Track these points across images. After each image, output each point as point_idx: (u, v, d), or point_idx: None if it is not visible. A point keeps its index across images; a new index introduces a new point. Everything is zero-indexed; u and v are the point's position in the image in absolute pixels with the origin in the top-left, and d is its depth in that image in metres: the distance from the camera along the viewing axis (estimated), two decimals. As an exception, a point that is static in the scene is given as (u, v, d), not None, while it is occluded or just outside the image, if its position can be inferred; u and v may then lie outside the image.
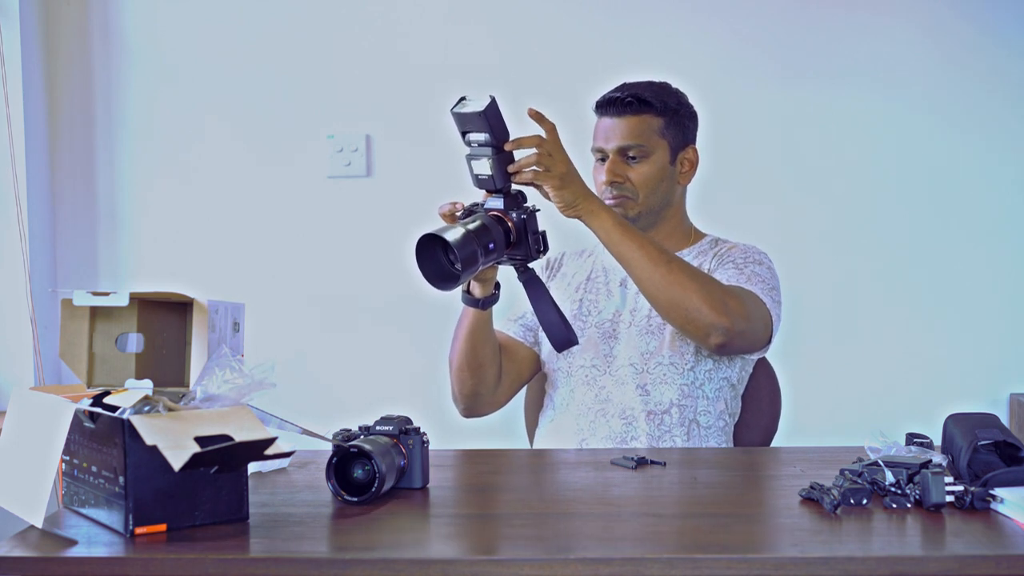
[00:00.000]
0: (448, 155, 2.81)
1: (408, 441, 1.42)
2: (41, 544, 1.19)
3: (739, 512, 1.34)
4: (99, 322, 1.47)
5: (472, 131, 1.59)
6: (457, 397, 1.96)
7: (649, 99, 1.93)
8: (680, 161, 1.98)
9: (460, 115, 1.58)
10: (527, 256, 1.65)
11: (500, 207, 1.63)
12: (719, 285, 1.79)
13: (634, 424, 1.88)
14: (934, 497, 1.26)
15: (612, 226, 1.72)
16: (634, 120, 1.93)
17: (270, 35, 2.83)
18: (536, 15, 2.79)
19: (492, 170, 1.60)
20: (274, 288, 2.82)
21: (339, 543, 1.23)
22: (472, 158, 1.62)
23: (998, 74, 2.73)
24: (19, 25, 2.71)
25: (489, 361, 1.90)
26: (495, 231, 1.59)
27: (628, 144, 1.92)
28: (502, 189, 1.63)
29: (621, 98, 1.93)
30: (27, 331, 2.71)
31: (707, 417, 1.91)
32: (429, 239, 1.55)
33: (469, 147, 1.61)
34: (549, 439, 1.96)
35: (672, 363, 1.90)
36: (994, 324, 2.75)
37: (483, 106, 1.56)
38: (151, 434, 1.16)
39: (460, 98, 1.59)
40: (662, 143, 1.95)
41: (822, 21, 2.75)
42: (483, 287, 1.77)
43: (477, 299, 1.78)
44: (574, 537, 1.24)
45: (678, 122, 1.96)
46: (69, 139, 2.85)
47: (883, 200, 2.77)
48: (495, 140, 1.59)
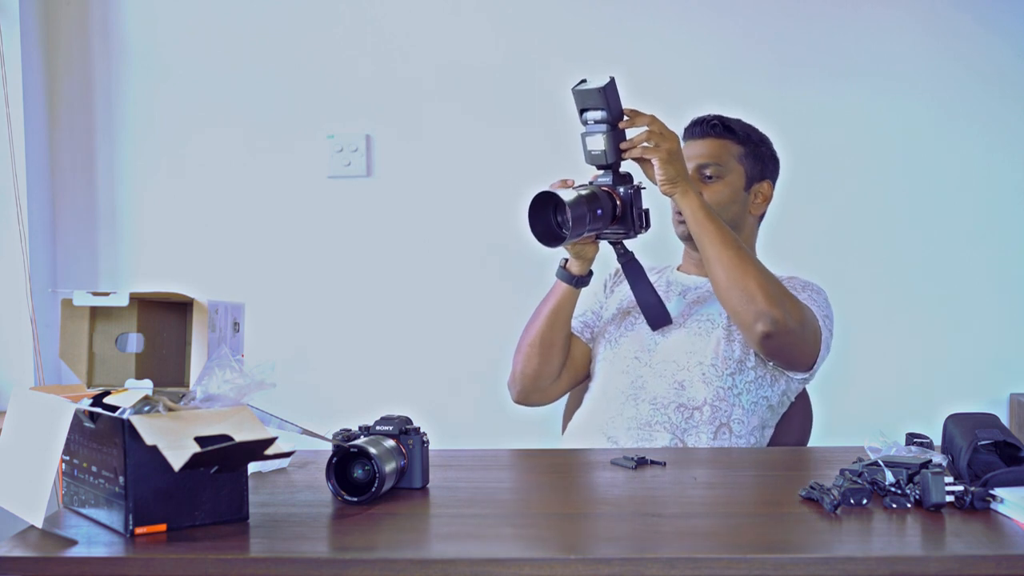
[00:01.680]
0: (448, 155, 2.83)
1: (408, 441, 1.42)
2: (41, 544, 1.19)
3: (739, 512, 1.34)
4: (99, 322, 1.47)
5: (591, 108, 1.74)
6: (517, 378, 2.02)
7: (733, 127, 2.03)
8: (754, 192, 2.04)
9: (581, 92, 1.73)
10: (629, 230, 1.80)
11: (609, 182, 1.78)
12: (782, 285, 1.87)
13: (663, 412, 1.89)
14: (934, 497, 1.26)
15: (699, 207, 1.83)
16: (715, 142, 2.01)
17: (270, 35, 2.83)
18: (536, 15, 2.79)
19: (606, 145, 1.74)
20: (274, 288, 2.82)
21: (339, 543, 1.23)
22: (587, 135, 1.76)
23: (1000, 72, 2.73)
24: (19, 25, 2.71)
25: (560, 345, 1.98)
26: (604, 200, 1.74)
27: (706, 163, 2.00)
28: (611, 165, 1.77)
29: (707, 120, 2.03)
30: (27, 331, 2.71)
31: (741, 427, 1.91)
32: (544, 198, 1.69)
33: (585, 125, 1.75)
34: (578, 425, 1.98)
35: (713, 365, 1.91)
36: (994, 324, 2.75)
37: (603, 83, 1.71)
38: (151, 434, 1.16)
39: (581, 80, 1.75)
40: (739, 168, 2.01)
41: (822, 17, 2.75)
42: (581, 264, 1.90)
43: (573, 276, 1.91)
44: (574, 537, 1.24)
45: (758, 154, 2.04)
46: (69, 139, 2.85)
47: (883, 199, 2.77)
48: (611, 117, 1.73)
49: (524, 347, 2.00)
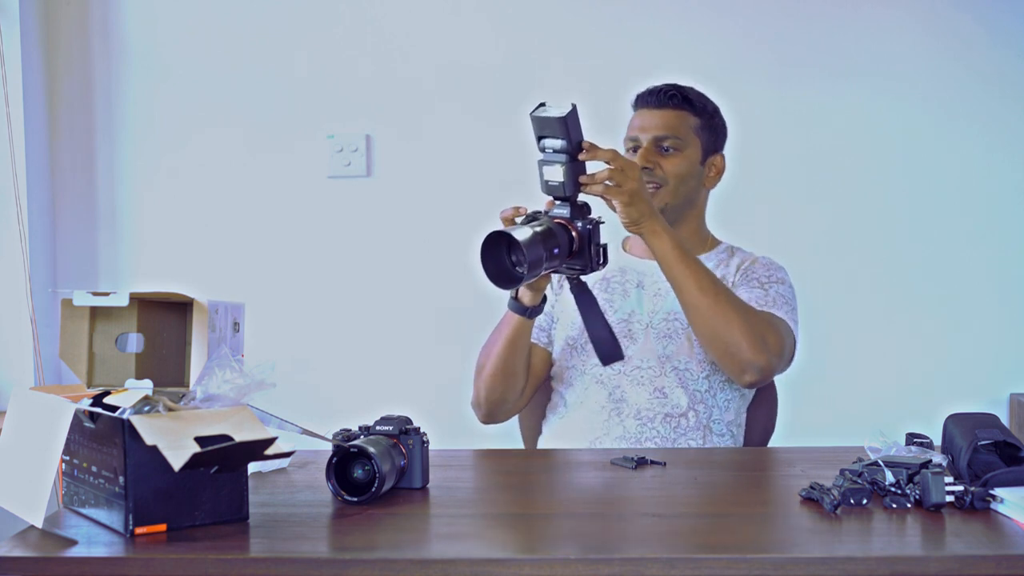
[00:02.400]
0: (448, 155, 2.83)
1: (408, 441, 1.42)
2: (41, 544, 1.19)
3: (739, 512, 1.34)
4: (99, 322, 1.47)
5: (549, 136, 1.60)
6: (481, 403, 1.95)
7: (691, 98, 1.97)
8: (708, 165, 2.00)
9: (540, 119, 1.59)
10: (586, 266, 1.67)
11: (566, 215, 1.65)
12: (759, 319, 1.82)
13: (650, 426, 1.88)
14: (934, 497, 1.26)
15: (671, 248, 1.75)
16: (673, 113, 1.96)
17: (270, 35, 2.83)
18: (536, 15, 2.79)
19: (564, 177, 1.61)
20: (274, 288, 2.82)
21: (339, 543, 1.23)
22: (545, 164, 1.63)
23: (1000, 72, 2.72)
24: (19, 25, 2.71)
25: (522, 370, 1.92)
26: (561, 237, 1.61)
27: (665, 134, 1.94)
28: (570, 197, 1.64)
29: (664, 90, 1.96)
30: (27, 331, 2.70)
31: (719, 425, 1.91)
32: (496, 237, 1.56)
33: (543, 152, 1.62)
34: (558, 438, 1.95)
35: (688, 369, 1.90)
36: (994, 324, 2.75)
37: (565, 112, 1.57)
38: (151, 434, 1.16)
39: (540, 103, 1.61)
40: (696, 141, 1.97)
41: (822, 17, 2.74)
42: (533, 295, 1.79)
43: (526, 307, 1.80)
44: (574, 537, 1.24)
45: (713, 126, 2.00)
46: (69, 139, 2.85)
47: (883, 199, 2.77)
48: (571, 147, 1.60)
49: (485, 376, 1.92)
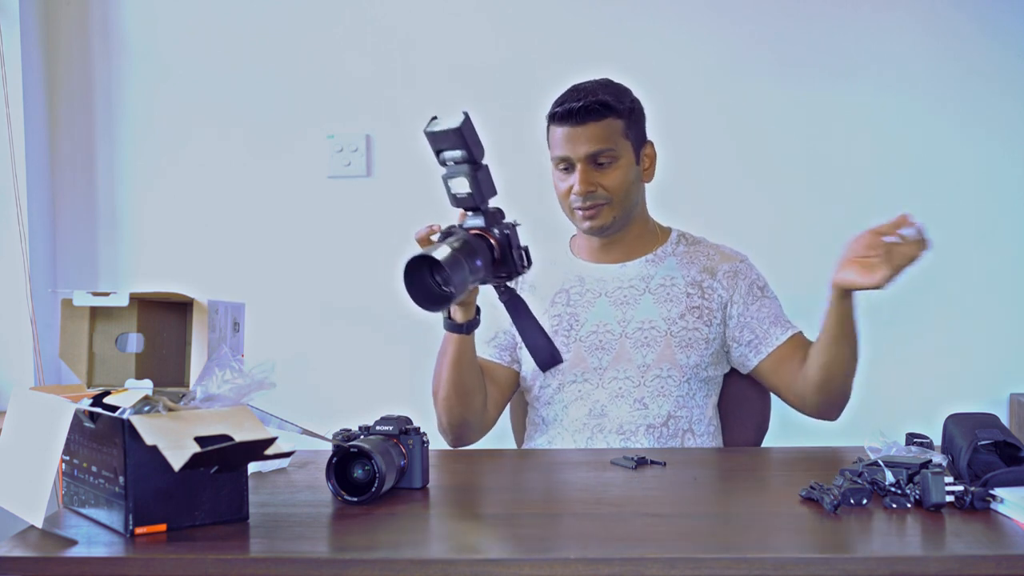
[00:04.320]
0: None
1: (408, 441, 1.42)
2: (41, 544, 1.19)
3: (739, 512, 1.34)
4: (99, 322, 1.47)
5: (447, 149, 1.53)
6: (446, 428, 1.89)
7: (611, 103, 1.88)
8: (642, 159, 1.95)
9: (435, 134, 1.53)
10: (511, 272, 1.59)
11: (481, 224, 1.58)
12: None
13: (633, 439, 1.87)
14: (934, 497, 1.26)
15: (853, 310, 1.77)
16: (598, 126, 1.88)
17: (270, 35, 2.83)
18: (536, 15, 2.79)
19: (471, 187, 1.54)
20: (274, 288, 2.82)
21: (339, 543, 1.23)
22: (450, 177, 1.56)
23: (1000, 72, 2.72)
24: (19, 25, 2.71)
25: (476, 387, 1.86)
26: (480, 248, 1.55)
27: (598, 150, 1.87)
28: (480, 207, 1.57)
29: (584, 106, 1.87)
30: (27, 331, 2.71)
31: (700, 425, 1.91)
32: (418, 261, 1.49)
33: (444, 166, 1.55)
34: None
35: (670, 375, 1.89)
36: (994, 324, 2.75)
37: (458, 122, 1.50)
38: (151, 434, 1.16)
39: (432, 118, 1.55)
40: (627, 144, 1.91)
41: (822, 17, 2.74)
42: (465, 311, 1.72)
43: (460, 324, 1.72)
44: (574, 537, 1.24)
45: (636, 120, 1.94)
46: (69, 139, 2.85)
47: (883, 199, 2.76)
48: (471, 156, 1.53)
49: (441, 400, 1.86)
